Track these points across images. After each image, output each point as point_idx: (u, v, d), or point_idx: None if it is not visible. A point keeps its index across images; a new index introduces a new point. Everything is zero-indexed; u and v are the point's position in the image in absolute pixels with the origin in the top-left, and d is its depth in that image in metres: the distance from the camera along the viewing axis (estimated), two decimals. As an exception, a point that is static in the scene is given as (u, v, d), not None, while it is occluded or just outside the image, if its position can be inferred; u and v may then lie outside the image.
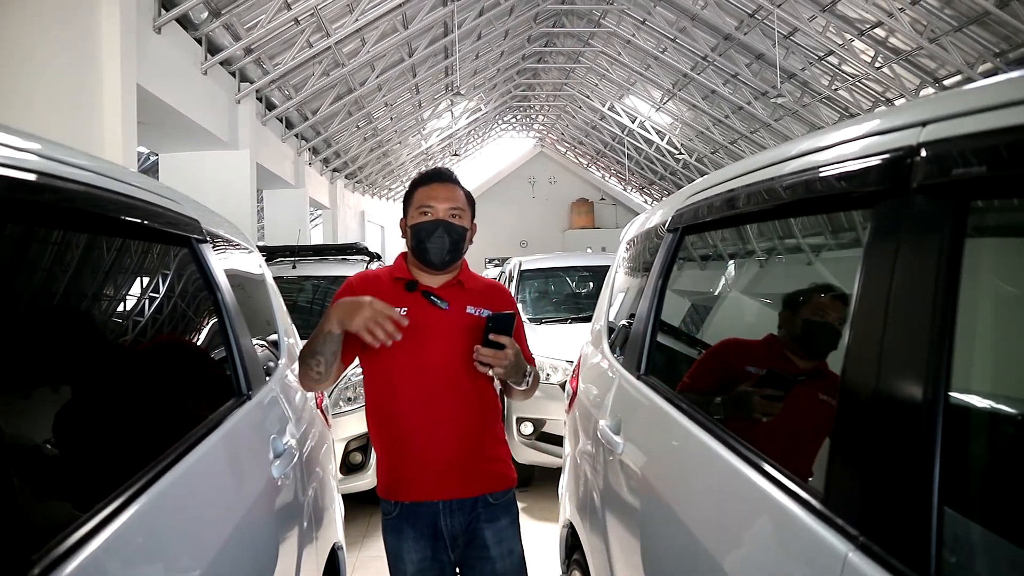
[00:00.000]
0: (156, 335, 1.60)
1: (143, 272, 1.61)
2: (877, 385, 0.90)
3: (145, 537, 1.15)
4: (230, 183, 10.30)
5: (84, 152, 1.33)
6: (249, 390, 1.86)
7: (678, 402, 1.68)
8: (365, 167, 19.93)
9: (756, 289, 1.83)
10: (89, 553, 0.95)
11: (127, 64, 6.64)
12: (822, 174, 1.16)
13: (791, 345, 1.50)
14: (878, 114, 1.12)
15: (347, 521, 4.63)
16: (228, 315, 1.86)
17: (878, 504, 0.87)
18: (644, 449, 1.83)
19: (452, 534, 1.90)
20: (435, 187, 1.94)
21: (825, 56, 13.70)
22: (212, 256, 1.90)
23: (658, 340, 2.03)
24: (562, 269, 7.20)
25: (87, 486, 1.11)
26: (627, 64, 18.23)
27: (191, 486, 1.36)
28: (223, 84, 10.02)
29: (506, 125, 28.37)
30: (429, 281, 1.96)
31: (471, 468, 1.90)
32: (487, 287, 2.05)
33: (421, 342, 1.87)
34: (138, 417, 1.38)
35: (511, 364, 1.84)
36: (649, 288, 2.10)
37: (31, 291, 1.18)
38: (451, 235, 1.90)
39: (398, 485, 1.91)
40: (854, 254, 1.05)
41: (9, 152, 1.00)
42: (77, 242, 1.30)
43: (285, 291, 6.18)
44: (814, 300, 1.52)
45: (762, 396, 1.49)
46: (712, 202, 1.75)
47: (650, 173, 25.98)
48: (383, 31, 12.25)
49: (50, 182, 1.09)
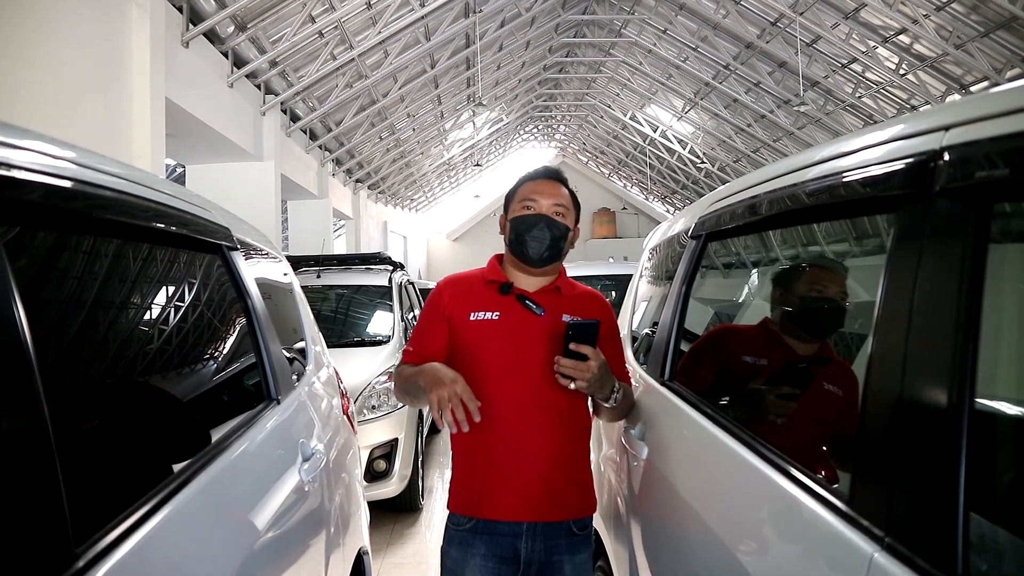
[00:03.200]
0: (189, 340, 1.64)
1: (176, 278, 1.65)
2: (902, 387, 0.90)
3: (179, 537, 1.17)
4: (255, 194, 10.43)
5: (118, 160, 1.37)
6: (279, 395, 1.90)
7: (702, 407, 1.68)
8: (388, 178, 20.08)
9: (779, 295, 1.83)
10: (123, 554, 0.97)
11: (156, 78, 6.77)
12: (845, 179, 1.17)
13: (788, 327, 1.45)
14: (901, 119, 1.13)
15: (371, 528, 4.68)
16: (258, 321, 1.90)
17: (904, 505, 0.87)
18: (668, 454, 1.83)
19: (529, 559, 1.73)
20: (541, 183, 1.85)
21: (848, 63, 13.62)
22: (242, 263, 1.94)
23: (681, 347, 2.04)
24: (584, 278, 7.16)
25: (122, 487, 1.14)
26: (648, 73, 18.24)
27: (223, 488, 1.39)
28: (249, 97, 10.17)
29: (528, 135, 28.45)
30: (525, 284, 1.84)
31: (560, 489, 1.75)
32: (586, 295, 1.91)
33: (513, 349, 1.76)
34: (173, 419, 1.42)
35: (595, 377, 1.67)
36: (672, 295, 2.11)
37: (73, 296, 1.22)
38: (552, 231, 1.79)
39: (480, 500, 1.75)
40: (878, 259, 1.06)
41: (45, 159, 1.03)
42: (111, 249, 1.34)
43: (310, 300, 6.30)
44: (808, 274, 1.47)
45: (780, 396, 1.49)
46: (735, 209, 1.76)
47: (672, 182, 25.91)
48: (405, 43, 12.37)
49: (86, 189, 1.13)
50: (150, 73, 6.63)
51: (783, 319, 1.49)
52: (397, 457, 4.75)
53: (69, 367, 1.13)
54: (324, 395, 2.41)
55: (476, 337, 1.78)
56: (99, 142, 6.07)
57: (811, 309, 1.41)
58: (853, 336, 1.33)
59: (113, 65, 6.38)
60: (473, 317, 1.80)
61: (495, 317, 1.78)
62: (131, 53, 6.53)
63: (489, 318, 1.79)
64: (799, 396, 1.44)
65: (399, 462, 4.74)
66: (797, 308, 1.42)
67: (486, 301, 1.81)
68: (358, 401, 4.72)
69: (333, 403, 2.48)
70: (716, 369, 1.82)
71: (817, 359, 1.43)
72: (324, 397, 2.39)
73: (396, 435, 4.77)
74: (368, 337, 5.88)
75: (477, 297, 1.82)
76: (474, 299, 1.81)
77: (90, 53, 6.07)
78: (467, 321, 1.80)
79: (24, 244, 1.06)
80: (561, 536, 1.75)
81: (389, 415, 4.80)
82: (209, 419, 1.56)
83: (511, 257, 1.86)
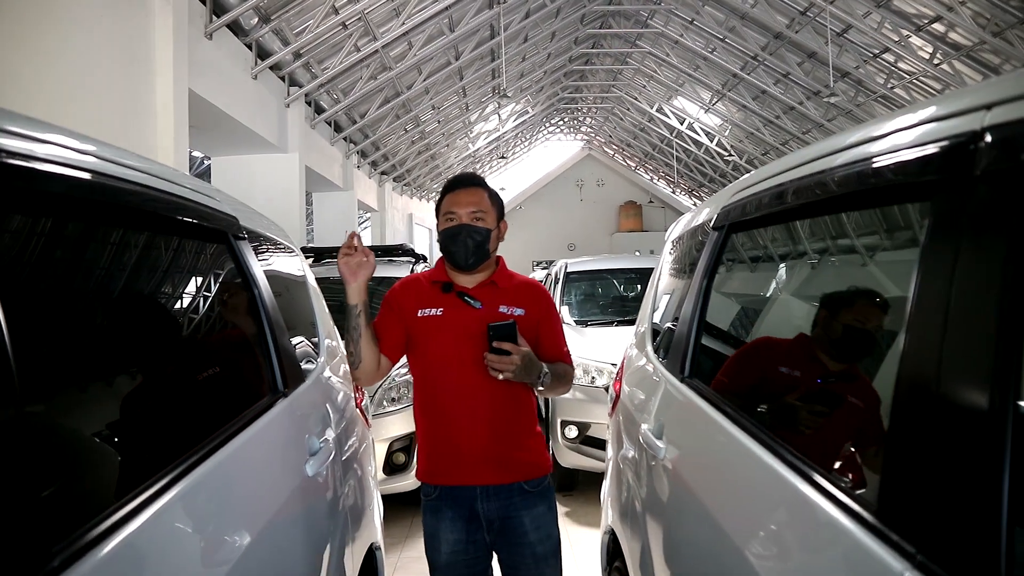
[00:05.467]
0: (191, 331, 1.60)
1: (179, 267, 1.61)
2: (938, 391, 0.83)
3: (174, 530, 1.14)
4: (279, 186, 10.46)
5: (121, 148, 1.33)
6: (286, 388, 1.85)
7: (722, 406, 1.61)
8: (413, 170, 20.08)
9: (805, 289, 1.75)
10: (114, 545, 0.94)
11: (179, 69, 6.78)
12: (876, 165, 1.09)
13: (825, 346, 1.42)
14: (938, 99, 1.05)
15: (390, 521, 4.65)
16: (266, 312, 1.86)
17: (939, 520, 0.80)
18: (686, 455, 1.76)
19: (488, 517, 2.01)
20: (458, 193, 2.06)
21: (880, 53, 13.32)
22: (250, 253, 1.90)
23: (703, 343, 1.96)
24: (608, 271, 7.11)
25: (116, 478, 1.11)
26: (675, 65, 18.01)
27: (222, 480, 1.35)
28: (273, 88, 10.18)
29: (553, 128, 28.31)
30: (464, 282, 2.07)
31: (505, 457, 2.01)
32: (522, 285, 2.13)
33: (457, 339, 2.00)
34: (173, 410, 1.38)
35: (519, 368, 1.92)
36: (693, 288, 2.03)
37: (76, 286, 1.19)
38: (473, 237, 2.01)
39: (438, 470, 2.04)
40: (911, 250, 0.98)
41: (42, 147, 1.00)
42: (110, 237, 1.31)
43: (331, 292, 6.28)
44: (856, 308, 1.44)
45: (808, 401, 1.41)
46: (760, 198, 1.68)
47: (699, 175, 25.64)
48: (430, 34, 12.32)
49: (88, 179, 1.09)
50: (173, 65, 6.64)
51: (822, 339, 1.42)
52: (415, 450, 4.71)
53: (63, 359, 1.09)
54: (336, 389, 2.36)
55: (423, 331, 2.04)
56: (122, 134, 6.10)
57: (852, 338, 1.35)
58: (879, 331, 1.25)
59: (136, 57, 6.40)
60: (420, 313, 2.05)
61: (439, 313, 2.03)
62: (154, 45, 6.55)
63: (433, 314, 2.04)
64: (829, 403, 1.37)
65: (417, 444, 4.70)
66: (838, 334, 1.35)
67: (431, 299, 2.06)
68: (377, 393, 4.69)
69: (346, 397, 2.43)
70: (755, 380, 1.74)
71: (847, 374, 1.38)
72: (336, 391, 2.35)
73: (415, 428, 4.73)
74: (388, 329, 5.84)
75: (424, 296, 2.07)
76: (420, 298, 2.07)
77: (113, 45, 6.09)
78: (415, 317, 2.05)
79: (15, 231, 1.03)
80: (514, 495, 2.02)
81: (409, 407, 4.75)
82: (210, 411, 1.52)
83: (446, 262, 2.09)
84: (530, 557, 2.03)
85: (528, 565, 2.03)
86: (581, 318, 6.26)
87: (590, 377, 5.07)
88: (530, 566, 2.03)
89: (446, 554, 2.02)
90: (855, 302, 1.44)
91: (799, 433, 1.38)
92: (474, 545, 2.03)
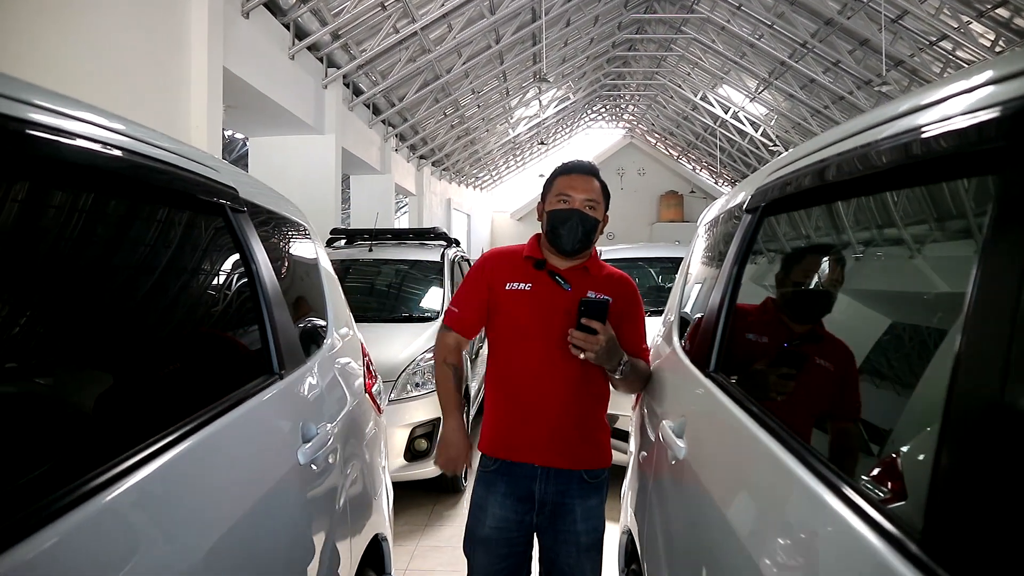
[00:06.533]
0: (176, 307, 1.50)
1: (167, 241, 1.51)
2: (1001, 400, 0.68)
3: (136, 514, 1.06)
4: (316, 167, 10.43)
5: (107, 111, 1.24)
6: (282, 370, 1.75)
7: (749, 405, 1.47)
8: (452, 155, 19.99)
9: (849, 277, 1.59)
10: (79, 519, 0.91)
11: (214, 47, 6.74)
12: (930, 134, 0.94)
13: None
14: (1002, 58, 0.89)
15: (409, 508, 4.57)
16: (263, 290, 1.76)
17: (995, 553, 0.65)
18: (707, 456, 1.62)
19: (542, 499, 2.01)
20: (575, 177, 2.05)
21: (937, 41, 12.78)
22: (249, 228, 1.79)
23: (731, 335, 1.81)
24: (644, 260, 6.93)
25: (80, 457, 1.02)
26: (721, 52, 17.57)
27: (202, 461, 1.27)
28: (310, 69, 10.14)
29: (595, 115, 27.95)
30: (557, 263, 2.08)
31: (572, 442, 2.01)
32: (612, 276, 2.14)
33: (541, 317, 2.01)
34: (149, 389, 1.28)
35: (602, 350, 1.88)
36: (723, 276, 1.88)
37: (58, 257, 1.11)
38: (584, 225, 2.01)
39: (503, 443, 2.04)
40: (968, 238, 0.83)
41: (19, 107, 0.95)
42: (101, 207, 1.23)
43: (361, 273, 6.24)
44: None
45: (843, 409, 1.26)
46: (799, 176, 1.52)
47: (743, 166, 25.11)
48: (469, 17, 12.15)
49: (76, 144, 1.02)
50: (208, 42, 6.60)
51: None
52: (438, 437, 4.62)
53: (35, 336, 1.03)
54: (343, 373, 2.26)
55: (510, 304, 2.04)
56: (155, 112, 6.09)
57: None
58: (931, 332, 1.08)
59: (171, 34, 6.36)
60: (508, 287, 2.05)
61: (527, 288, 2.03)
62: (189, 21, 6.51)
63: (522, 288, 2.04)
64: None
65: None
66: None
67: (522, 274, 2.06)
68: (401, 377, 4.60)
69: (353, 381, 2.33)
70: (783, 375, 1.59)
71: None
72: (343, 375, 2.25)
73: (439, 414, 4.63)
74: (417, 313, 5.77)
75: (515, 269, 2.07)
76: (512, 271, 2.07)
77: (146, 21, 6.05)
78: (503, 290, 2.05)
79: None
80: (573, 482, 2.01)
81: (433, 393, 4.66)
82: (196, 389, 1.43)
83: (547, 242, 2.08)
84: (573, 546, 2.01)
85: (571, 554, 2.02)
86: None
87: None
88: (572, 555, 2.02)
89: (490, 528, 2.01)
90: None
91: (838, 445, 1.23)
92: (519, 525, 2.02)
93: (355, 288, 5.94)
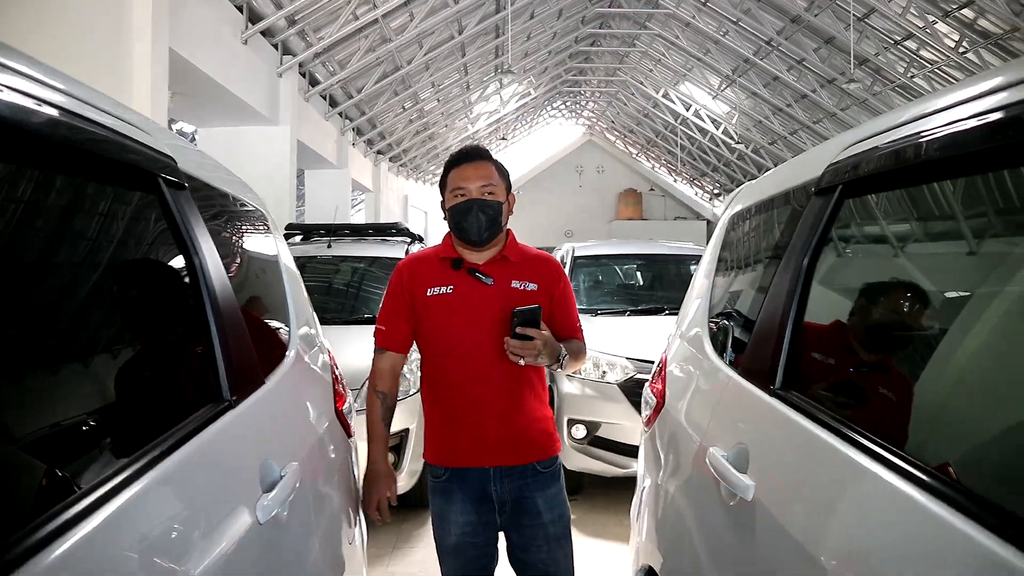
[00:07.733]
0: (89, 315, 1.09)
1: (76, 221, 1.10)
2: None
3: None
4: (269, 159, 9.93)
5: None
6: (234, 396, 1.35)
7: (846, 431, 1.12)
8: (410, 150, 19.49)
9: (951, 273, 1.26)
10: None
11: (159, 26, 6.23)
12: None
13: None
14: None
15: (375, 531, 4.16)
16: (209, 291, 1.35)
17: None
18: (794, 497, 1.27)
19: (501, 499, 1.97)
20: (465, 167, 1.98)
21: (903, 40, 12.77)
22: (191, 211, 1.38)
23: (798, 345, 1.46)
24: (621, 257, 6.61)
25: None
26: (685, 48, 17.41)
27: (119, 536, 0.87)
28: (264, 56, 9.62)
29: (555, 111, 27.69)
30: (474, 258, 2.00)
31: (519, 437, 1.97)
32: (533, 259, 2.06)
33: (469, 319, 1.94)
34: (54, 433, 0.88)
35: (541, 354, 1.87)
36: (786, 274, 1.53)
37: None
38: (486, 212, 1.93)
39: (448, 452, 1.99)
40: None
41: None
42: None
43: (319, 271, 5.78)
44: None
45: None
46: (895, 149, 1.19)
47: (702, 164, 25.10)
48: (432, 6, 11.72)
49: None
50: (151, 21, 6.07)
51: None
52: (408, 449, 4.20)
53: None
54: (309, 393, 1.87)
55: (434, 309, 1.97)
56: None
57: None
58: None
59: (112, 11, 5.84)
60: (430, 292, 1.97)
61: (449, 291, 1.96)
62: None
63: (444, 292, 1.97)
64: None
65: (409, 455, 4.19)
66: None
67: (441, 276, 1.98)
68: (364, 389, 4.18)
69: (323, 402, 1.94)
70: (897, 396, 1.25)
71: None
72: (308, 396, 1.85)
73: (407, 425, 4.21)
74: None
75: (433, 273, 1.99)
76: (430, 275, 1.99)
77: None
78: (425, 296, 1.97)
79: None
80: (527, 476, 1.98)
81: (399, 402, 4.25)
82: (116, 430, 1.02)
83: (456, 239, 2.00)
84: (542, 538, 1.98)
85: (540, 546, 1.99)
86: (590, 306, 5.74)
87: (600, 371, 4.58)
88: (542, 547, 1.99)
89: (456, 536, 1.97)
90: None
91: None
92: (484, 527, 1.99)
93: (313, 287, 5.48)
